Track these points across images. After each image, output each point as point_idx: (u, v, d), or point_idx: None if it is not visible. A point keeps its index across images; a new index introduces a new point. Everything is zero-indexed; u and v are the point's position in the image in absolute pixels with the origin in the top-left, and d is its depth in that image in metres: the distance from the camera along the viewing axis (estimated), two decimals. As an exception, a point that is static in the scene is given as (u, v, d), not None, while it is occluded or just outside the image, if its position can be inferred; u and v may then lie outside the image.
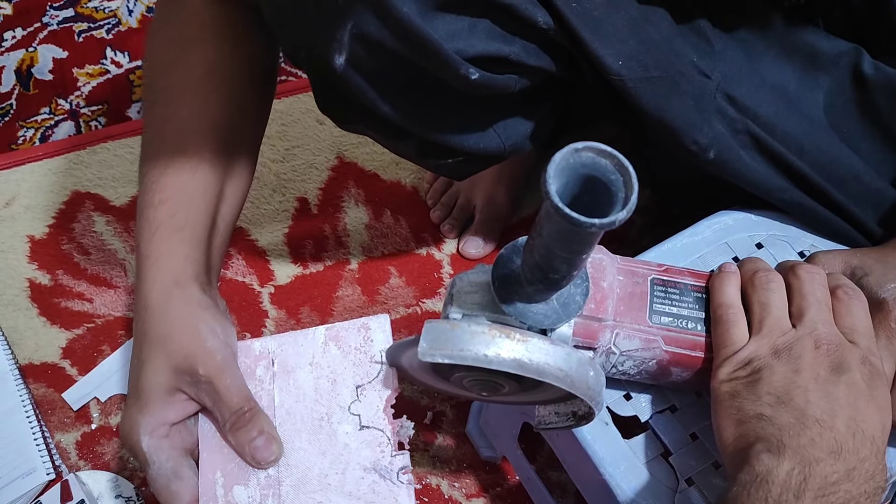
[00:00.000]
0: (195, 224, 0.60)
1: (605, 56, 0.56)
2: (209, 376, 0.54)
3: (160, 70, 0.65)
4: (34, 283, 0.94)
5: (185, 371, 0.54)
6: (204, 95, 0.63)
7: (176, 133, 0.62)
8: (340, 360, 0.56)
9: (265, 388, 0.56)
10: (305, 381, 0.55)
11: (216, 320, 0.57)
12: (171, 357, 0.54)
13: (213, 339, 0.55)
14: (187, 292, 0.57)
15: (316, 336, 0.57)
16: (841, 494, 0.42)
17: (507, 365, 0.41)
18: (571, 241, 0.38)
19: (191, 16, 0.64)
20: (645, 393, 0.57)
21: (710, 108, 0.60)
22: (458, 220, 0.98)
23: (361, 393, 0.55)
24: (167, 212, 0.59)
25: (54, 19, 1.20)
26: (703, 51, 0.61)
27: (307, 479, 0.53)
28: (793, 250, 0.63)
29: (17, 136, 1.08)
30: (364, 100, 0.58)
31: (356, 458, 0.53)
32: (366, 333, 0.57)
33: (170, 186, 0.60)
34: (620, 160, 0.35)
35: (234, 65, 0.65)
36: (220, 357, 0.55)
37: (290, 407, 0.55)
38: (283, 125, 1.06)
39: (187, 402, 0.55)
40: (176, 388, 0.55)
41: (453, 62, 0.53)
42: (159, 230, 0.58)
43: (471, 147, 0.66)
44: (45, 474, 0.80)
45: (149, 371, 0.55)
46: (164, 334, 0.55)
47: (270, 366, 0.56)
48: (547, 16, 0.55)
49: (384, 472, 0.52)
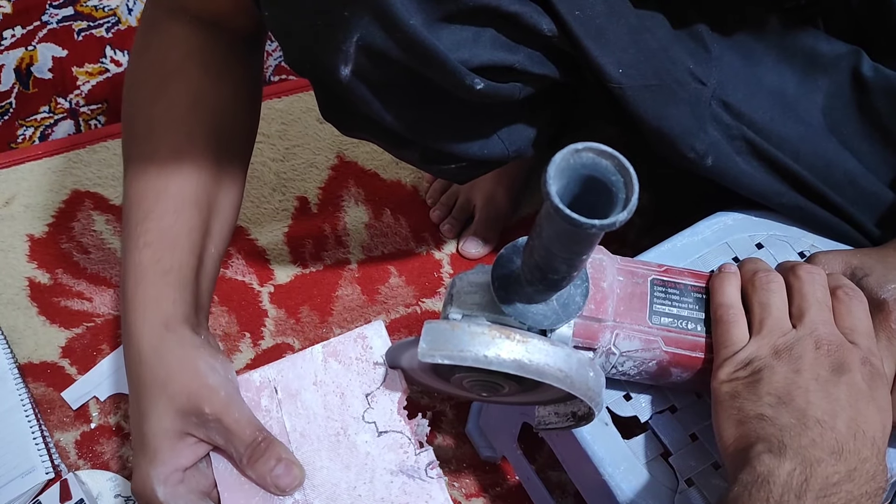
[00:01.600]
0: (181, 266, 0.58)
1: (606, 64, 0.56)
2: (216, 413, 0.52)
3: (141, 103, 0.63)
4: (34, 282, 0.94)
5: (190, 412, 0.52)
6: (186, 131, 0.61)
7: (159, 172, 0.60)
8: (344, 374, 0.55)
9: (274, 416, 0.55)
10: (313, 401, 0.55)
11: (213, 357, 0.55)
12: (174, 400, 0.52)
13: (214, 375, 0.54)
14: (179, 334, 0.55)
15: (314, 355, 0.56)
16: (842, 495, 0.42)
17: (507, 366, 0.41)
18: (571, 242, 0.38)
19: (173, 45, 0.63)
20: (645, 393, 0.57)
21: (706, 115, 0.60)
22: (457, 219, 0.98)
23: (372, 400, 0.54)
24: (152, 256, 0.57)
25: (54, 18, 1.20)
26: (700, 57, 0.61)
27: (336, 495, 0.52)
28: (793, 250, 0.63)
29: (16, 134, 1.08)
30: (368, 110, 0.57)
31: (381, 464, 0.53)
32: (364, 342, 0.56)
33: (154, 229, 0.58)
34: (621, 161, 0.35)
35: (218, 96, 0.63)
36: (224, 392, 0.53)
37: (304, 429, 0.54)
38: (283, 124, 1.06)
39: (197, 444, 0.54)
40: (184, 431, 0.53)
41: (458, 73, 0.53)
42: (146, 275, 0.57)
43: (475, 154, 0.66)
44: (44, 473, 0.80)
45: (152, 419, 0.53)
46: (162, 379, 0.53)
47: (274, 394, 0.55)
48: (551, 23, 0.55)
49: (412, 472, 0.52)
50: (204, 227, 0.61)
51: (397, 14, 0.49)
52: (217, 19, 0.63)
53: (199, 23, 0.63)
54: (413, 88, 0.56)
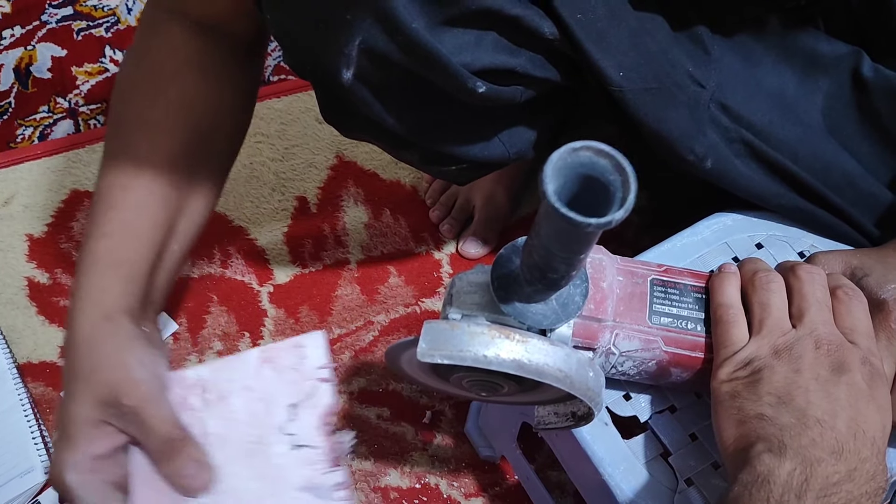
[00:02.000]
0: (135, 261, 0.58)
1: (607, 68, 0.57)
2: (134, 407, 0.51)
3: (131, 102, 0.63)
4: (33, 282, 0.94)
5: (110, 403, 0.52)
6: (166, 129, 0.61)
7: (133, 166, 0.60)
8: (275, 382, 0.54)
9: (198, 416, 0.53)
10: (239, 406, 0.53)
11: (144, 351, 0.54)
12: (96, 389, 0.52)
13: (140, 369, 0.53)
14: (116, 325, 0.55)
15: (248, 359, 0.55)
16: (842, 495, 0.42)
17: (506, 366, 0.41)
18: (570, 241, 0.38)
19: (170, 49, 0.63)
20: (644, 393, 0.57)
21: (705, 118, 0.60)
22: (457, 219, 0.98)
23: (296, 412, 0.53)
24: (108, 246, 0.57)
25: (53, 17, 1.20)
26: (700, 58, 0.61)
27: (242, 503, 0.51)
28: (793, 251, 0.63)
29: (15, 134, 1.08)
30: (369, 112, 0.57)
31: (291, 478, 0.51)
32: (300, 351, 0.54)
33: (115, 220, 0.58)
34: (618, 160, 0.35)
35: (210, 102, 0.63)
36: (146, 388, 0.52)
37: (224, 433, 0.53)
38: (282, 124, 1.06)
39: (115, 434, 0.52)
40: (101, 420, 0.52)
41: (460, 76, 0.53)
42: (96, 264, 0.57)
43: (476, 156, 0.66)
44: (43, 473, 0.79)
45: (73, 405, 0.52)
46: (89, 368, 0.53)
47: (203, 394, 0.54)
48: (553, 26, 0.55)
49: (319, 491, 0.51)
50: (168, 224, 0.61)
51: (399, 18, 0.49)
52: (217, 23, 0.63)
53: (199, 27, 0.63)
54: (414, 91, 0.56)
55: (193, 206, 0.64)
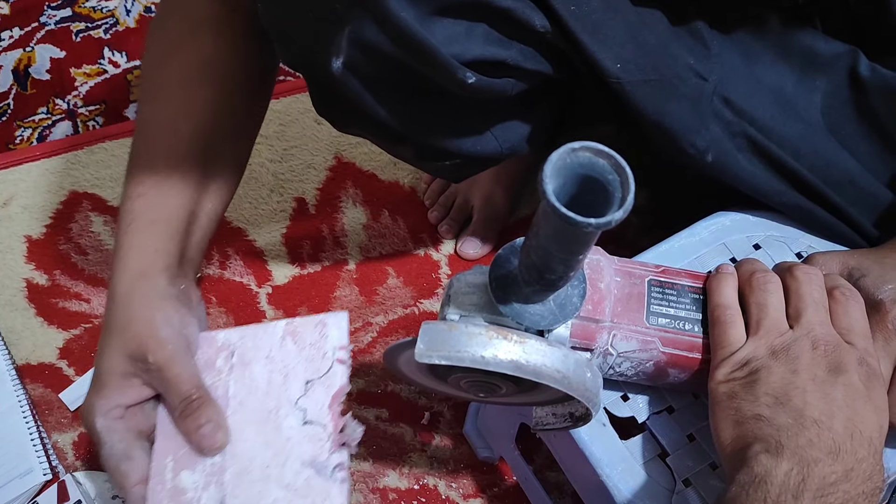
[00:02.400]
0: (170, 218, 0.60)
1: (604, 59, 0.56)
2: (158, 364, 0.54)
3: (153, 66, 0.65)
4: (31, 284, 0.94)
5: (137, 358, 0.55)
6: (192, 93, 0.63)
7: (159, 129, 0.62)
8: (295, 355, 0.56)
9: (222, 378, 0.57)
10: (260, 374, 0.56)
11: (175, 310, 0.57)
12: (127, 344, 0.55)
13: (167, 328, 0.56)
14: (151, 283, 0.57)
15: (275, 330, 0.57)
16: (839, 495, 0.42)
17: (504, 366, 0.41)
18: (568, 241, 0.38)
19: (189, 12, 0.64)
20: (642, 394, 0.57)
21: (708, 111, 0.60)
22: (455, 220, 0.98)
23: (310, 388, 0.55)
24: (144, 205, 0.59)
25: (52, 19, 1.20)
26: (700, 53, 0.61)
27: (250, 469, 0.53)
28: (790, 251, 0.63)
29: (14, 135, 1.08)
30: (361, 104, 0.58)
31: (297, 451, 0.54)
32: (322, 329, 0.57)
33: (149, 180, 0.60)
34: (617, 160, 0.35)
35: (228, 65, 0.64)
36: (171, 346, 0.55)
37: (243, 399, 0.56)
38: (280, 125, 1.06)
39: (142, 387, 0.56)
40: (131, 373, 0.55)
41: (450, 66, 0.53)
42: (134, 223, 0.59)
43: (468, 150, 0.66)
44: (41, 475, 0.79)
45: (106, 357, 0.56)
46: (123, 323, 0.56)
47: (230, 357, 0.57)
48: (544, 19, 0.55)
49: (320, 468, 0.53)
50: (200, 183, 0.62)
51: (389, 7, 0.50)
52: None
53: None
54: (406, 82, 0.56)
55: (223, 165, 0.65)
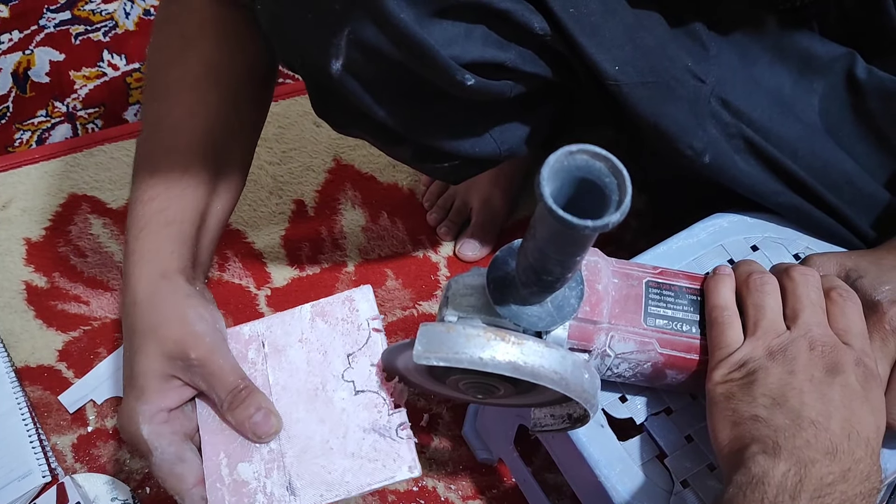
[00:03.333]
0: (183, 221, 0.60)
1: (602, 62, 0.57)
2: (201, 359, 0.54)
3: (159, 67, 0.65)
4: (31, 286, 0.94)
5: (177, 357, 0.55)
6: (200, 95, 0.63)
7: (169, 131, 0.63)
8: (329, 333, 0.57)
9: (259, 369, 0.57)
10: (297, 357, 0.57)
11: (204, 307, 0.57)
12: (163, 344, 0.55)
13: (202, 323, 0.56)
14: (174, 283, 0.58)
15: (302, 314, 0.59)
16: (836, 496, 0.42)
17: (502, 368, 0.42)
18: (565, 243, 0.38)
19: (192, 14, 0.65)
20: (640, 395, 0.57)
21: (705, 113, 0.61)
22: (454, 222, 0.98)
23: (353, 360, 0.56)
24: (156, 208, 0.60)
25: (51, 22, 1.20)
26: (698, 55, 0.61)
27: (309, 447, 0.54)
28: (787, 252, 0.63)
29: (13, 138, 1.08)
30: (360, 105, 0.58)
31: (355, 421, 0.55)
32: (351, 305, 0.58)
33: (160, 183, 0.60)
34: (614, 163, 0.35)
35: (233, 66, 0.65)
36: (210, 339, 0.55)
37: (285, 383, 0.56)
38: (279, 128, 1.06)
39: (183, 387, 0.56)
40: (170, 374, 0.55)
41: (449, 68, 0.53)
42: (147, 226, 0.59)
43: (466, 151, 0.66)
44: (40, 477, 0.80)
45: (142, 360, 0.55)
46: (153, 324, 0.56)
47: (262, 348, 0.58)
48: (543, 22, 0.55)
49: (383, 431, 0.54)
50: (210, 185, 0.63)
51: (388, 8, 0.50)
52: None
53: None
54: (404, 84, 0.57)
55: (230, 168, 0.66)
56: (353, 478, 0.53)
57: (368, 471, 0.53)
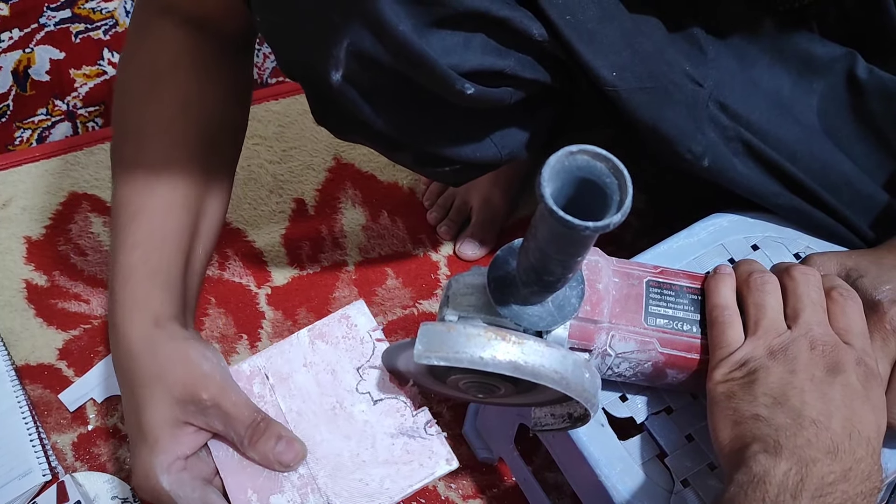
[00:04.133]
0: (169, 267, 0.59)
1: (600, 68, 0.57)
2: (214, 399, 0.53)
3: (131, 104, 0.64)
4: (31, 285, 0.94)
5: (188, 401, 0.53)
6: (177, 134, 0.62)
7: (148, 174, 0.61)
8: (332, 352, 0.57)
9: (268, 401, 0.56)
10: (305, 382, 0.57)
11: (205, 346, 0.56)
12: (171, 390, 0.53)
13: (207, 363, 0.55)
14: (169, 329, 0.56)
15: (301, 340, 0.58)
16: (838, 495, 0.42)
17: (502, 367, 0.42)
18: (566, 244, 0.38)
19: (163, 46, 0.63)
20: (641, 394, 0.57)
21: (703, 117, 0.61)
22: (454, 221, 0.98)
23: (363, 373, 0.56)
24: (140, 257, 0.58)
25: (51, 20, 1.20)
26: (696, 58, 0.61)
27: (341, 464, 0.54)
28: (788, 252, 0.63)
29: (13, 137, 1.08)
30: (359, 114, 0.58)
31: (380, 429, 0.54)
32: (348, 322, 0.58)
33: (143, 229, 0.59)
34: (615, 163, 0.35)
35: (208, 100, 0.64)
36: (220, 378, 0.54)
37: (300, 408, 0.56)
38: (280, 126, 1.06)
39: (197, 432, 0.54)
40: (182, 421, 0.54)
41: (449, 78, 0.53)
42: (133, 276, 0.58)
43: (467, 157, 0.66)
44: (41, 476, 0.79)
45: (150, 411, 0.54)
46: (156, 372, 0.54)
47: (266, 380, 0.57)
48: (542, 28, 0.55)
49: (411, 432, 0.54)
50: (192, 228, 0.62)
51: (387, 20, 0.50)
52: (208, 21, 0.64)
53: (190, 25, 0.63)
54: (404, 93, 0.57)
55: (211, 207, 0.65)
56: (392, 483, 0.53)
57: (406, 473, 0.53)
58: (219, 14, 0.63)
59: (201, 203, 0.63)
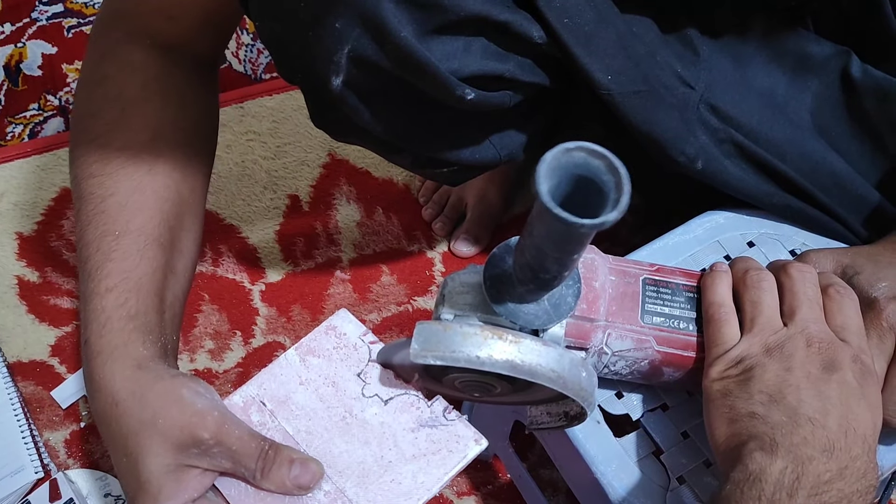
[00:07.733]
0: (147, 310, 0.56)
1: (595, 71, 0.56)
2: (216, 437, 0.49)
3: (97, 135, 0.61)
4: (22, 281, 0.94)
5: (188, 444, 0.49)
6: (147, 168, 0.60)
7: (119, 210, 0.58)
8: (327, 366, 0.55)
9: (271, 427, 0.54)
10: (306, 400, 0.55)
11: (195, 381, 0.52)
12: (168, 435, 0.49)
13: (201, 399, 0.51)
14: (154, 370, 0.53)
15: (290, 360, 0.56)
16: (833, 493, 0.43)
17: (499, 366, 0.41)
18: (562, 241, 0.38)
19: (133, 73, 0.61)
20: (636, 391, 0.57)
21: (694, 119, 0.60)
22: (449, 218, 0.98)
23: (366, 377, 0.55)
24: (115, 301, 0.55)
25: (43, 15, 1.19)
26: (688, 60, 0.61)
27: (367, 471, 0.52)
28: (784, 249, 0.63)
29: (5, 132, 1.07)
30: (359, 119, 0.57)
31: (399, 427, 0.53)
32: (335, 332, 0.57)
33: (115, 273, 0.56)
34: (612, 161, 0.35)
35: (178, 129, 0.62)
36: (217, 413, 0.50)
37: (307, 427, 0.54)
38: (274, 122, 1.06)
39: (202, 474, 0.50)
40: (184, 465, 0.50)
41: (449, 83, 0.53)
42: (109, 322, 0.54)
43: (466, 159, 0.66)
44: (33, 473, 0.79)
45: (147, 461, 0.50)
46: (148, 418, 0.50)
47: (263, 406, 0.54)
48: (542, 31, 0.55)
49: (431, 422, 0.53)
50: (167, 266, 0.59)
51: (388, 26, 0.49)
52: (179, 43, 0.63)
53: (158, 49, 0.62)
54: (404, 98, 0.56)
55: (186, 242, 0.62)
56: (425, 476, 0.51)
57: (437, 463, 0.52)
58: (192, 36, 0.62)
59: (176, 239, 0.60)
